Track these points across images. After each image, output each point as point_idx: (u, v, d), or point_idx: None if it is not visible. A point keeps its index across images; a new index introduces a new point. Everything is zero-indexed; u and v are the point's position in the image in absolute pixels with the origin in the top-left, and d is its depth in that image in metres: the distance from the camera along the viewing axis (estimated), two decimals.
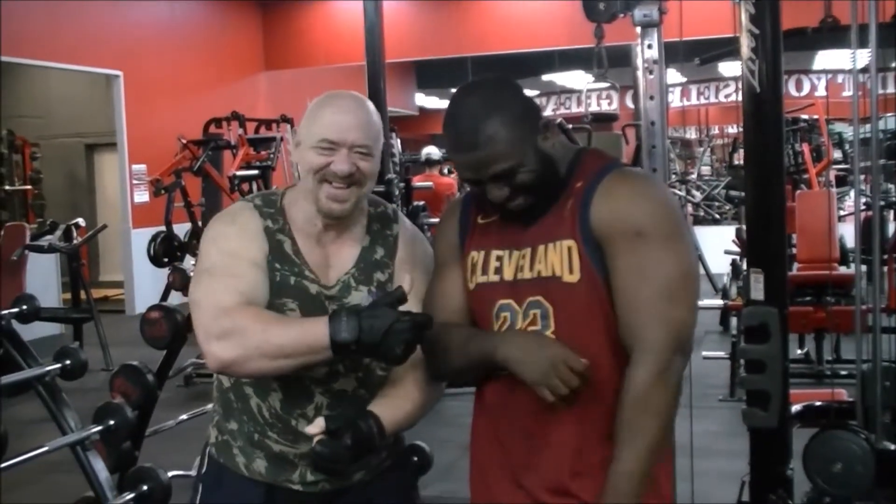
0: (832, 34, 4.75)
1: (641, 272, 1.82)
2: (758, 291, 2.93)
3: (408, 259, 2.17)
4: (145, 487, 3.89)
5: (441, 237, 2.12)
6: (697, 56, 6.02)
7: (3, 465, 3.73)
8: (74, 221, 9.32)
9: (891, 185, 10.69)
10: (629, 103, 16.51)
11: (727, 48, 4.71)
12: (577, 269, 1.86)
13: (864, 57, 3.20)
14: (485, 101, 1.87)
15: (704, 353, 6.89)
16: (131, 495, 3.88)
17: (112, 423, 3.94)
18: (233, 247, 2.06)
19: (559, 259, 1.88)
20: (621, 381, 1.85)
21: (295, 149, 2.13)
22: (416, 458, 5.03)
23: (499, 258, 1.97)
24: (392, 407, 2.02)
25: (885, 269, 6.15)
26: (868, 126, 3.31)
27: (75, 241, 9.01)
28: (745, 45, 2.86)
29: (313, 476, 2.12)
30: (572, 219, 1.89)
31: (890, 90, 11.80)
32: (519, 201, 1.89)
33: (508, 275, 1.95)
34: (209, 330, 1.95)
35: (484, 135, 1.83)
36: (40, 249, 9.00)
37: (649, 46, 3.20)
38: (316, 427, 1.90)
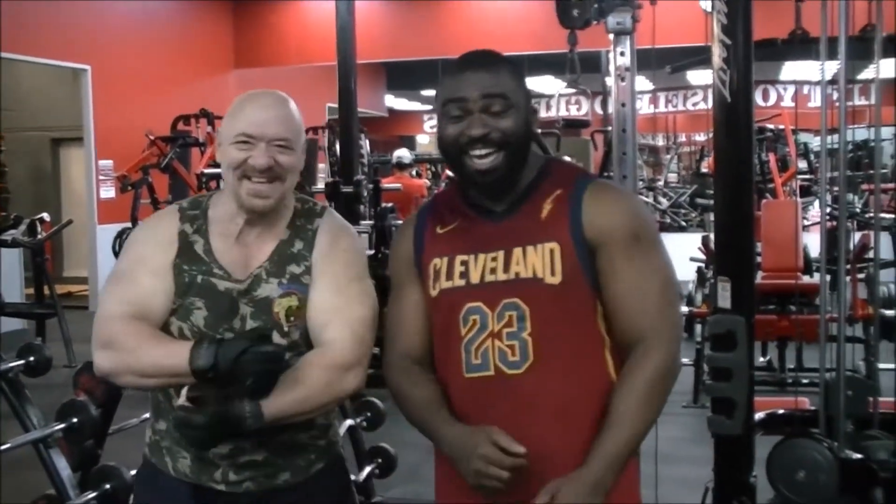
0: (802, 45, 4.79)
1: (644, 275, 1.92)
2: (725, 299, 2.95)
3: (327, 250, 2.12)
4: (108, 486, 3.85)
5: (395, 256, 2.14)
6: (668, 64, 6.05)
7: None
8: (39, 216, 9.22)
9: (855, 196, 10.81)
10: (598, 109, 16.58)
11: (698, 57, 4.74)
12: (560, 271, 1.90)
13: (832, 69, 3.23)
14: (497, 55, 1.99)
15: None
16: (94, 494, 3.84)
17: (75, 420, 3.90)
18: (140, 254, 2.13)
19: (541, 261, 1.91)
20: (597, 378, 1.91)
21: (218, 148, 2.14)
22: (379, 460, 5.05)
23: (464, 262, 1.98)
24: (280, 391, 1.95)
25: (849, 278, 6.21)
26: (835, 137, 3.34)
27: (40, 236, 8.92)
28: (717, 54, 2.88)
29: (236, 476, 2.10)
30: (558, 223, 1.92)
31: (857, 102, 11.90)
32: (491, 158, 1.91)
33: (475, 278, 1.96)
34: (96, 337, 2.05)
35: (495, 62, 1.95)
36: (4, 244, 8.90)
37: (622, 54, 3.22)
38: (181, 398, 1.93)
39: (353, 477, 4.77)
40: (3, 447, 3.77)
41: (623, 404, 1.87)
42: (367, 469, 4.98)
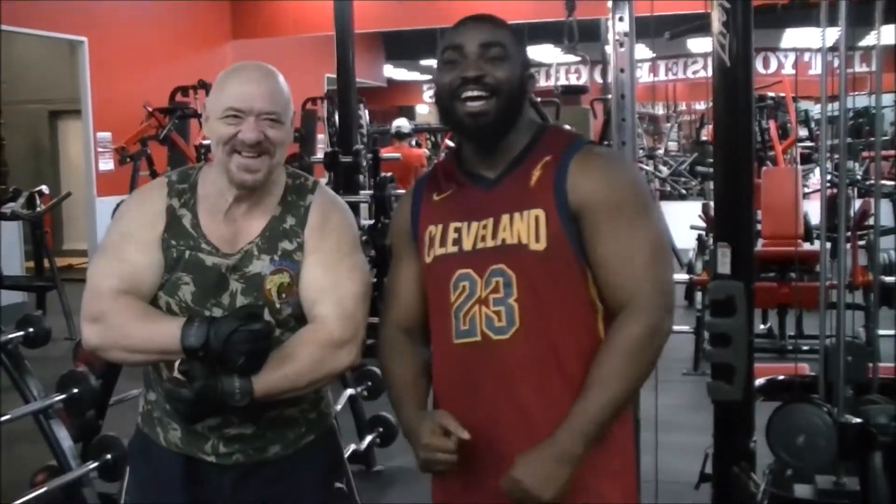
0: (802, 11, 4.76)
1: (629, 241, 1.89)
2: (724, 265, 2.95)
3: (318, 227, 2.12)
4: (109, 456, 3.87)
5: (393, 226, 2.17)
6: (667, 31, 6.02)
7: None
8: (38, 189, 9.20)
9: (855, 164, 10.79)
10: (597, 78, 16.51)
11: (697, 22, 4.71)
12: (545, 237, 1.90)
13: (833, 35, 3.21)
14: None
15: None
16: (95, 464, 3.86)
17: (76, 391, 3.92)
18: (128, 228, 2.12)
19: (526, 228, 1.91)
20: (586, 345, 1.91)
21: (205, 123, 2.12)
22: (380, 429, 5.07)
23: (457, 230, 1.98)
24: (270, 367, 1.96)
25: (849, 245, 6.21)
26: (835, 104, 3.32)
27: (39, 209, 8.91)
28: (717, 19, 2.86)
29: (225, 448, 2.11)
30: (544, 190, 1.92)
31: (858, 69, 11.85)
32: (482, 103, 1.91)
33: (467, 245, 1.96)
34: (85, 311, 2.06)
35: (496, 20, 1.98)
36: (3, 217, 8.90)
37: (620, 19, 3.19)
38: (174, 371, 1.94)
39: (353, 446, 4.80)
40: (4, 418, 3.79)
41: (599, 369, 1.86)
42: (368, 438, 5.01)
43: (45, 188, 9.42)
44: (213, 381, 1.90)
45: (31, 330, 4.04)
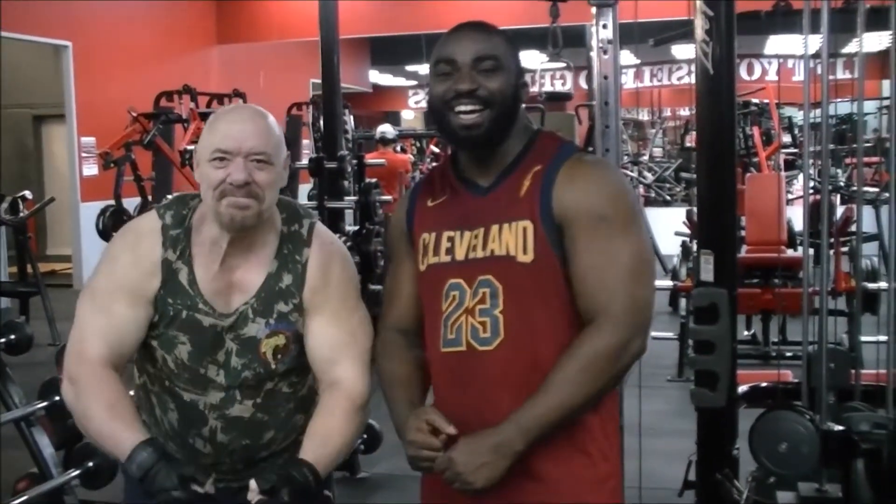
0: (785, 18, 4.78)
1: (606, 254, 1.87)
2: (708, 273, 2.95)
3: (320, 284, 2.12)
4: (91, 464, 3.86)
5: (390, 229, 2.17)
6: (651, 38, 6.03)
7: None
8: (21, 194, 9.14)
9: (838, 170, 10.83)
10: (583, 84, 16.54)
11: (681, 30, 4.73)
12: (532, 249, 1.89)
13: (815, 42, 3.22)
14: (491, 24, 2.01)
15: (653, 334, 6.89)
16: (77, 472, 3.85)
17: (58, 398, 3.89)
18: (121, 278, 2.07)
19: (514, 239, 1.90)
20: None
21: (196, 168, 2.07)
22: (365, 436, 5.06)
23: (450, 239, 1.98)
24: (324, 447, 2.02)
25: (832, 252, 6.23)
26: (818, 111, 3.33)
27: (22, 214, 8.86)
28: (700, 26, 2.87)
29: (219, 482, 2.08)
30: (532, 201, 1.91)
31: (841, 76, 11.91)
32: (477, 115, 1.91)
33: (460, 255, 1.96)
34: (66, 367, 2.05)
35: (489, 29, 1.97)
36: None
37: (604, 26, 3.19)
38: (252, 493, 1.90)
39: None
40: None
41: (554, 373, 1.84)
42: None
43: (28, 193, 9.36)
44: (292, 479, 1.92)
45: (13, 336, 4.02)
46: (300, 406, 2.20)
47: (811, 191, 3.91)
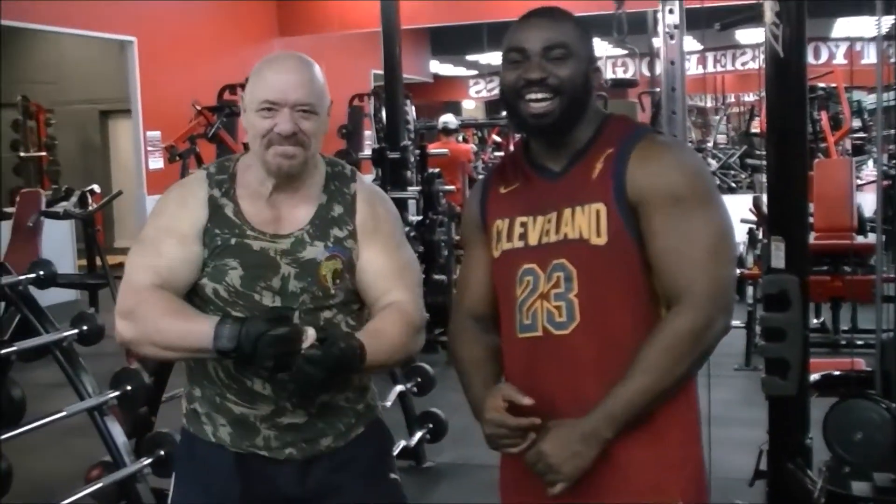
0: (855, 0, 4.69)
1: (683, 234, 1.86)
2: (778, 259, 2.91)
3: (370, 217, 2.16)
4: (162, 452, 3.91)
5: (464, 218, 2.19)
6: (717, 22, 5.95)
7: (22, 429, 3.75)
8: (89, 188, 9.31)
9: None
10: (645, 71, 16.39)
11: (748, 13, 4.66)
12: (605, 232, 1.88)
13: (888, 24, 3.16)
14: (563, 10, 2.00)
15: None
16: (148, 460, 3.90)
17: (129, 388, 3.96)
18: (167, 222, 2.11)
19: (587, 222, 1.90)
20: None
21: (243, 115, 2.12)
22: (430, 425, 5.08)
23: (523, 224, 1.98)
24: (376, 339, 2.01)
25: None
26: (891, 94, 3.27)
27: (90, 208, 9.02)
28: (769, 9, 2.83)
29: (277, 441, 2.10)
30: (604, 183, 1.90)
31: None
32: (546, 104, 1.91)
33: (533, 240, 1.96)
34: (119, 306, 2.05)
35: (560, 15, 1.97)
36: (56, 216, 9.02)
37: (671, 11, 3.16)
38: (309, 338, 1.91)
39: (403, 442, 4.81)
40: (59, 415, 3.84)
41: (639, 358, 1.84)
42: (418, 434, 5.01)
43: (96, 187, 9.53)
44: (345, 340, 1.94)
45: (84, 328, 4.08)
46: None
47: (883, 175, 3.83)
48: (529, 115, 1.93)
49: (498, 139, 15.74)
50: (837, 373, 3.37)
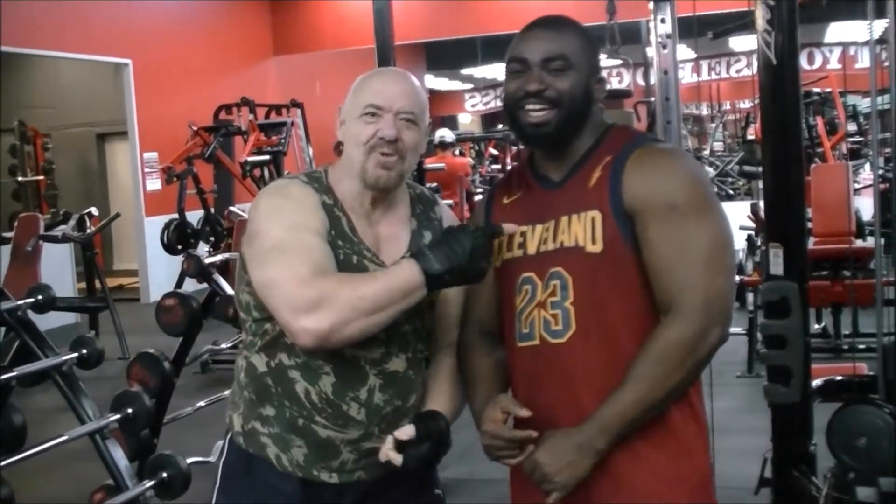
0: (847, 5, 4.70)
1: (678, 243, 1.85)
2: (777, 266, 2.90)
3: None
4: (165, 474, 3.89)
5: None
6: (709, 30, 5.97)
7: (23, 454, 3.73)
8: (87, 211, 9.31)
9: None
10: (640, 81, 16.42)
11: (741, 21, 4.67)
12: (601, 239, 1.88)
13: (881, 27, 3.16)
14: (569, 19, 2.02)
15: None
16: (151, 483, 3.88)
17: (130, 411, 3.94)
18: (295, 220, 1.98)
19: (583, 229, 1.90)
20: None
21: (340, 127, 2.10)
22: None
23: (523, 233, 2.00)
24: (450, 400, 2.07)
25: None
26: (885, 97, 3.26)
27: (89, 231, 9.01)
28: (761, 16, 2.83)
29: (354, 464, 2.06)
30: (601, 191, 1.91)
31: None
32: (545, 114, 1.93)
33: (531, 248, 1.98)
34: (295, 305, 1.85)
35: (562, 25, 1.99)
36: (54, 239, 9.00)
37: (662, 21, 3.16)
38: (405, 434, 1.92)
39: None
40: (61, 439, 3.82)
41: (632, 369, 1.83)
42: None
43: (94, 210, 9.53)
44: (437, 428, 2.00)
45: (84, 351, 4.07)
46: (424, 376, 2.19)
47: (880, 179, 3.83)
48: (528, 124, 1.94)
49: (495, 152, 15.77)
50: (840, 378, 3.36)
